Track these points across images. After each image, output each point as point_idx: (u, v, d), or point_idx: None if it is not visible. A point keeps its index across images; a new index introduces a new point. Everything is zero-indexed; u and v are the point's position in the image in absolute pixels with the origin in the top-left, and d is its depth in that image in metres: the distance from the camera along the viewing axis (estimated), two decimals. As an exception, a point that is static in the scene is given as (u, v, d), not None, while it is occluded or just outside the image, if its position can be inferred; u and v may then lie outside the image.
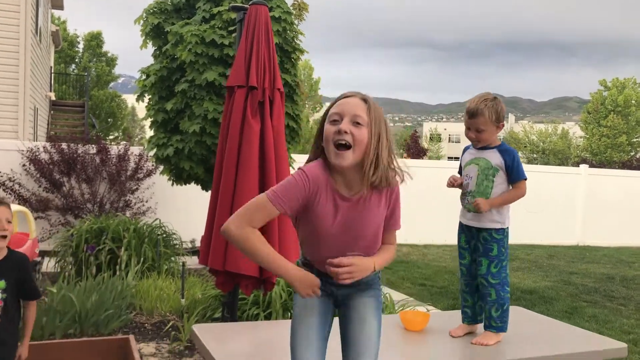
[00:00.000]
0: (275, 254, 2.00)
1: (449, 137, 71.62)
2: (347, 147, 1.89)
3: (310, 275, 2.00)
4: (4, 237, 2.87)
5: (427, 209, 11.91)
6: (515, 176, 3.07)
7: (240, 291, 4.27)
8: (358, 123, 1.90)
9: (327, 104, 2.07)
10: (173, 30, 6.76)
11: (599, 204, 13.80)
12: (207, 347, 2.58)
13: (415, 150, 47.30)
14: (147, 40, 7.32)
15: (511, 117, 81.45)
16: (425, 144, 59.80)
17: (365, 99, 1.95)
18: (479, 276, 3.07)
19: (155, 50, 7.30)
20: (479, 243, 3.10)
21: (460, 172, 3.29)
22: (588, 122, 42.40)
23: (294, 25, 7.29)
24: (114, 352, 4.32)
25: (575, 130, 49.16)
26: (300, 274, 2.00)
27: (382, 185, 1.99)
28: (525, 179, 3.09)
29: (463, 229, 3.22)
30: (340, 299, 2.14)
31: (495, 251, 3.05)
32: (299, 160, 9.09)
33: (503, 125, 3.11)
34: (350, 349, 2.08)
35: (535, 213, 12.88)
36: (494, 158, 3.07)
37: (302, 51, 7.34)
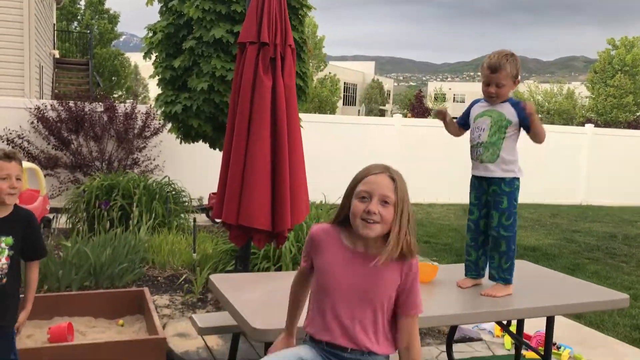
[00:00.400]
0: (289, 313, 2.34)
1: (454, 97, 71.10)
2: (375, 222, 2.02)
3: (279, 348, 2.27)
4: (12, 194, 2.78)
5: (432, 169, 11.99)
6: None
7: (252, 245, 4.38)
8: (386, 202, 2.01)
9: (331, 63, 2.09)
10: (180, -14, 6.71)
11: (604, 164, 13.84)
12: (225, 295, 2.69)
13: (420, 109, 47.10)
14: (154, -3, 7.27)
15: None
16: (429, 103, 59.47)
17: (393, 178, 2.04)
18: (491, 229, 3.16)
19: (161, 6, 7.24)
20: (489, 197, 3.19)
21: (463, 124, 3.35)
22: (594, 81, 41.98)
23: (302, -19, 7.21)
24: (130, 303, 4.46)
25: (581, 90, 48.75)
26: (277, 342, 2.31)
27: (401, 253, 2.04)
28: None
29: (474, 184, 3.30)
30: None
31: (505, 204, 3.13)
32: (306, 119, 9.12)
33: (519, 82, 3.18)
34: None
35: (538, 171, 12.96)
36: (507, 111, 3.14)
37: (309, 7, 7.30)
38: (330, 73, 47.66)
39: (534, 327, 4.31)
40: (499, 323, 3.31)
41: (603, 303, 3.05)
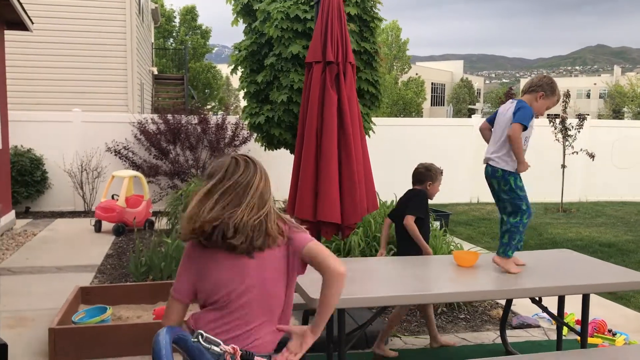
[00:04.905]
0: None
1: (548, 93, 68.53)
2: None
3: None
4: None
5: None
6: None
7: (323, 239, 4.93)
8: None
9: (418, 64, 2.31)
10: (261, 8, 7.41)
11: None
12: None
13: (510, 108, 45.82)
14: (238, 18, 8.03)
15: (617, 70, 76.48)
16: (521, 101, 57.68)
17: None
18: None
19: (245, 27, 7.99)
20: None
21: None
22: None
23: (372, -5, 7.70)
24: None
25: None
26: None
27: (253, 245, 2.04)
28: None
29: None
30: None
31: None
32: (379, 123, 9.60)
33: None
34: None
35: (627, 169, 12.66)
36: None
37: (380, 19, 7.78)
38: (416, 74, 47.64)
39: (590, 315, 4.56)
40: (533, 299, 3.65)
41: (627, 284, 3.31)
